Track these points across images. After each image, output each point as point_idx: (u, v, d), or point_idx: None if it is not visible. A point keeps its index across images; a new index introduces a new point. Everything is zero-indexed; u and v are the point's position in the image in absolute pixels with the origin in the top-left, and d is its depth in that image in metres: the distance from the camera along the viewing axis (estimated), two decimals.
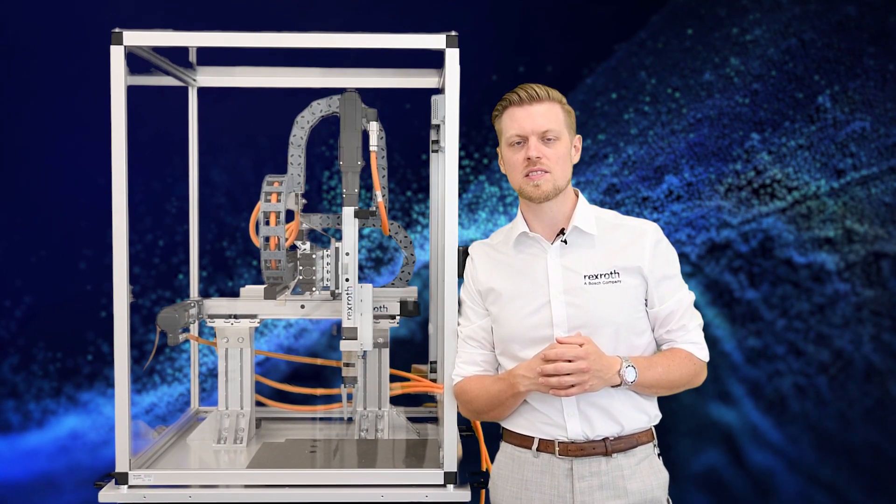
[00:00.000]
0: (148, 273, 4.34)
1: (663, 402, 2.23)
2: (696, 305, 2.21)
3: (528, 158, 2.10)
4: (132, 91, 2.30)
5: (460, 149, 2.89)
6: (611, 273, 2.11)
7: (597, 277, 2.11)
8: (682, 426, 4.47)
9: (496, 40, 4.49)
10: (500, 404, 2.17)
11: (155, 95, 2.87)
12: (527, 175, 2.11)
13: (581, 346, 2.00)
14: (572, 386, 2.00)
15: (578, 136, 2.21)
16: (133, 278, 2.31)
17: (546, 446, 2.13)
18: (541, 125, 2.11)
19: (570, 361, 1.99)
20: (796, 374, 4.50)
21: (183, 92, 3.04)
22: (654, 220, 2.25)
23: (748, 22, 4.51)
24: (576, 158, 2.20)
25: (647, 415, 2.16)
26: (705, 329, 2.22)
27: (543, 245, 2.17)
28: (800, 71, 4.48)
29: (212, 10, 4.07)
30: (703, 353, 2.18)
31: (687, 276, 2.14)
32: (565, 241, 2.15)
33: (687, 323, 2.16)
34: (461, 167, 4.30)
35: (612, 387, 2.07)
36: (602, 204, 2.13)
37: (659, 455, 2.20)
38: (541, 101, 2.12)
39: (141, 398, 4.32)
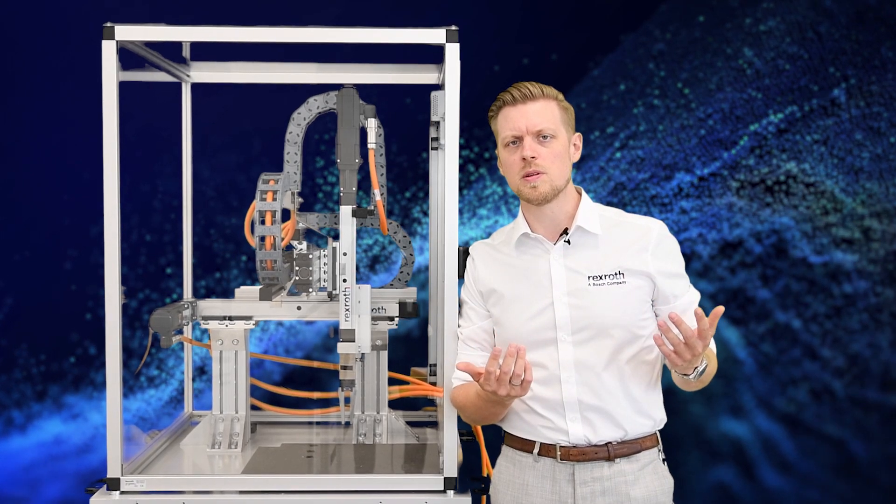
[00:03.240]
0: (135, 273, 4.37)
1: (670, 411, 2.27)
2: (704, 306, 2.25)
3: (524, 158, 2.14)
4: (120, 85, 2.31)
5: (461, 141, 2.92)
6: (615, 274, 2.15)
7: (601, 279, 2.15)
8: (691, 437, 4.49)
9: (498, 30, 4.51)
10: (488, 413, 2.21)
11: (144, 90, 2.88)
12: (524, 177, 2.15)
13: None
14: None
15: (578, 133, 2.25)
16: (121, 278, 2.36)
17: (547, 451, 2.18)
18: (535, 124, 2.15)
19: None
20: (811, 379, 4.52)
21: (174, 87, 3.06)
22: (663, 219, 2.27)
23: (761, 11, 4.52)
24: (575, 157, 2.24)
25: (652, 419, 2.20)
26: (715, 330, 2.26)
27: (546, 245, 2.21)
28: (815, 63, 4.50)
29: (200, 3, 4.12)
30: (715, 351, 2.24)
31: (698, 275, 2.18)
32: (568, 242, 2.19)
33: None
34: (461, 158, 4.34)
35: None
36: (610, 203, 2.18)
37: (664, 461, 2.24)
38: (535, 100, 2.16)
39: (128, 402, 4.36)
